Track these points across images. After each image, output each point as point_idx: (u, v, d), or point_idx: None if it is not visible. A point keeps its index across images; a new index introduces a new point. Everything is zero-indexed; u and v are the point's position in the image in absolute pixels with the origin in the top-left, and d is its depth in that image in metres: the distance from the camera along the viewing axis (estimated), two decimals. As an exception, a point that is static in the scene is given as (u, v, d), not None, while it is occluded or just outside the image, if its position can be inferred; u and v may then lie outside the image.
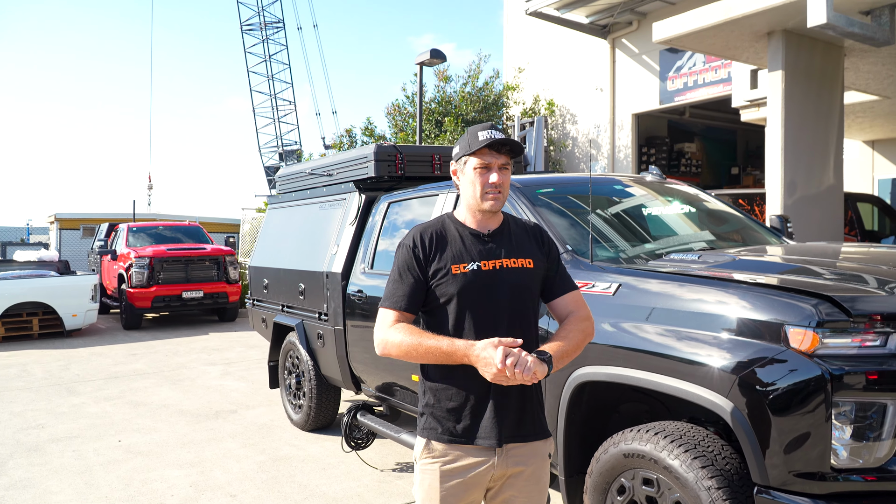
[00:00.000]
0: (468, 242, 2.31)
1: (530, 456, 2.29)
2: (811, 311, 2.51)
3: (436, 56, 13.60)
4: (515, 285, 2.29)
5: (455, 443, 2.24)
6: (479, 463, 2.24)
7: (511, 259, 2.31)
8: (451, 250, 2.29)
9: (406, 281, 2.28)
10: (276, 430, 6.24)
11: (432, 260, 2.28)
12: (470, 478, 2.24)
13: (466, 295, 2.25)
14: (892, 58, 7.33)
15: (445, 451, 2.25)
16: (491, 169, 2.26)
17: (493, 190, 2.26)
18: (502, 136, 2.24)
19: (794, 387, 2.48)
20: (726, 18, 6.19)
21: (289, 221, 6.68)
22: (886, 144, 13.18)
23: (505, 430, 2.23)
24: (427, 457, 2.28)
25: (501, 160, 2.27)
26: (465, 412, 2.24)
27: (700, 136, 17.64)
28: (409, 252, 2.30)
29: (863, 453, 2.46)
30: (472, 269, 2.26)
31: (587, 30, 15.80)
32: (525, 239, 2.39)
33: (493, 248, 2.31)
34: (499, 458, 2.23)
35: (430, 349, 2.14)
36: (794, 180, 6.47)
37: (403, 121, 18.32)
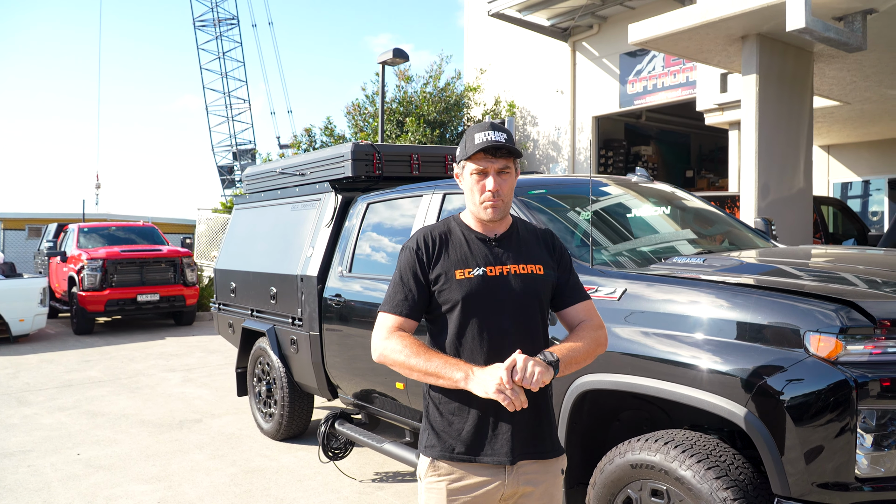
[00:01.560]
0: (474, 247, 2.19)
1: (542, 473, 2.17)
2: (834, 317, 2.44)
3: (398, 55, 13.44)
4: (523, 293, 2.16)
5: (462, 461, 2.11)
6: (487, 482, 2.11)
7: (519, 265, 2.18)
8: (455, 254, 2.17)
9: (407, 284, 2.15)
10: (246, 440, 6.00)
11: (435, 263, 2.16)
12: (479, 496, 2.11)
13: (471, 302, 2.12)
14: (856, 64, 7.45)
15: (452, 468, 2.12)
16: (487, 174, 2.13)
17: (492, 197, 2.12)
18: (499, 139, 2.09)
19: (817, 394, 2.40)
20: (703, 21, 6.19)
21: (258, 222, 6.45)
22: (842, 149, 13.50)
23: (516, 447, 2.10)
24: (433, 475, 2.14)
25: (499, 164, 2.13)
26: (472, 428, 2.10)
27: (656, 140, 17.86)
28: (413, 254, 2.18)
29: (885, 461, 2.40)
30: (477, 274, 2.13)
31: (548, 32, 15.85)
32: (534, 244, 2.27)
33: (500, 253, 2.19)
34: (509, 477, 2.11)
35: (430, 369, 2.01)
36: (768, 183, 6.50)
37: (364, 121, 18.11)
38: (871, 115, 10.11)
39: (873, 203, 13.83)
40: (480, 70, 17.07)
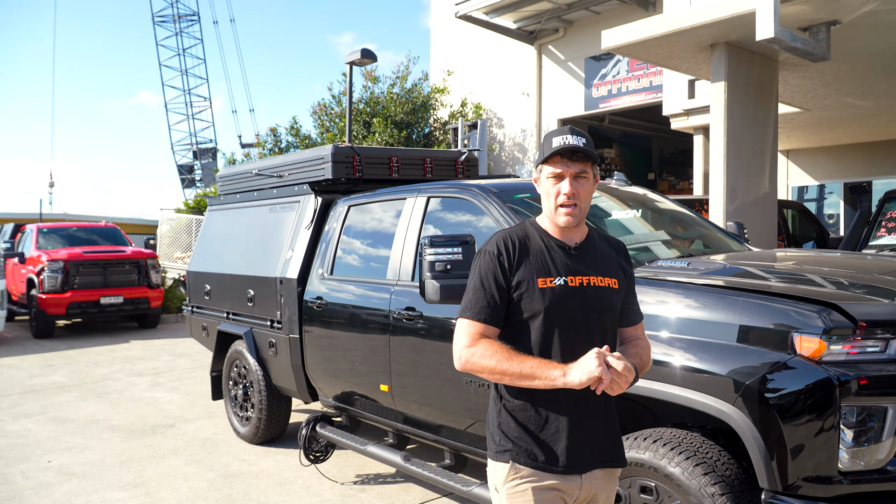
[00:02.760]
0: (555, 255, 2.12)
1: (608, 481, 2.17)
2: (818, 319, 2.56)
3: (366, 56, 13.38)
4: (603, 306, 2.12)
5: (541, 469, 2.07)
6: (565, 487, 2.09)
7: (598, 277, 2.13)
8: (536, 261, 2.10)
9: (489, 290, 2.08)
10: (222, 445, 5.96)
11: (517, 269, 2.09)
12: (559, 495, 2.10)
13: (553, 312, 2.06)
14: (818, 73, 7.70)
15: (532, 472, 2.07)
16: (563, 178, 2.07)
17: (568, 203, 2.07)
18: (577, 142, 2.05)
19: (803, 393, 2.51)
20: (673, 29, 6.35)
21: (234, 224, 6.41)
22: (800, 154, 13.90)
23: (593, 456, 2.10)
24: (515, 478, 2.08)
25: (575, 168, 2.07)
26: (549, 436, 2.06)
27: (618, 143, 18.11)
28: (493, 259, 2.10)
29: (865, 456, 2.52)
30: (559, 283, 2.07)
31: (515, 35, 15.98)
32: (611, 256, 2.22)
33: (580, 262, 2.13)
34: (583, 485, 2.10)
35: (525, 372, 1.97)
36: (735, 187, 6.68)
37: (330, 121, 18.05)
38: (829, 121, 10.45)
39: (829, 206, 14.27)
40: (448, 72, 17.15)
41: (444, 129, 17.46)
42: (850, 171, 13.07)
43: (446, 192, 4.29)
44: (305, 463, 5.13)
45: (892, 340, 2.55)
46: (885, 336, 2.55)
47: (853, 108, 9.53)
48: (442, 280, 3.31)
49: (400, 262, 4.37)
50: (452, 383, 3.87)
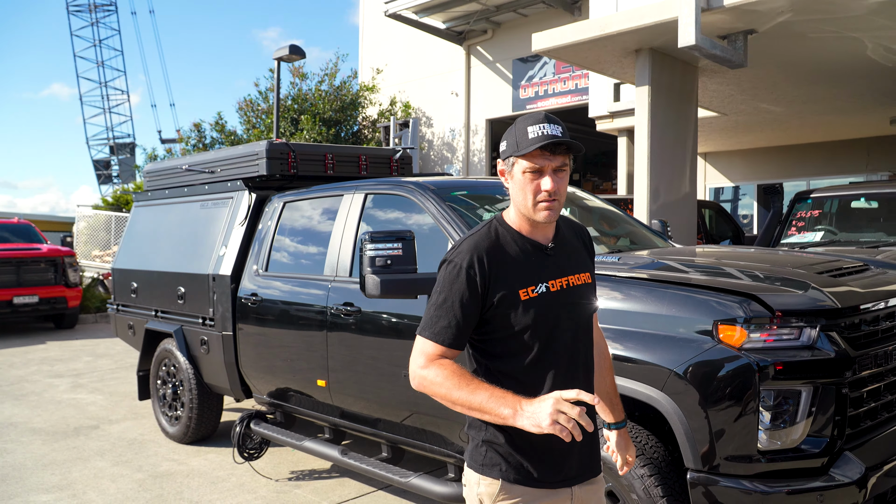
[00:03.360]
0: (533, 258, 1.93)
1: (597, 488, 2.07)
2: (739, 309, 2.73)
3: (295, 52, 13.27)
4: (583, 306, 1.99)
5: (533, 486, 1.92)
6: (557, 501, 1.97)
7: (575, 275, 1.98)
8: (515, 270, 1.88)
9: (452, 309, 1.85)
10: (150, 445, 5.84)
11: (494, 284, 1.86)
12: None
13: (538, 324, 1.87)
14: (735, 80, 8.09)
15: (524, 490, 1.92)
16: (543, 173, 1.86)
17: (548, 199, 1.86)
18: (558, 132, 1.83)
19: (725, 378, 2.68)
20: (601, 35, 6.56)
21: (162, 221, 6.28)
22: (717, 156, 14.52)
23: (580, 469, 1.99)
24: (504, 498, 1.91)
25: (556, 162, 1.86)
26: (540, 449, 1.91)
27: (543, 144, 18.40)
28: (462, 274, 1.85)
29: (781, 436, 2.71)
30: (540, 291, 1.89)
31: (444, 35, 16.10)
32: (579, 246, 2.08)
33: (557, 262, 1.96)
34: (576, 495, 1.99)
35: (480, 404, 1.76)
36: (658, 187, 6.96)
37: (257, 117, 17.78)
38: (744, 125, 10.97)
39: (743, 207, 14.97)
40: (377, 70, 17.14)
41: (374, 127, 17.45)
42: (763, 174, 13.74)
43: (384, 189, 4.34)
44: (239, 461, 5.09)
45: (806, 329, 2.74)
46: (799, 325, 2.74)
47: (767, 114, 10.04)
48: (382, 275, 3.36)
49: (337, 258, 4.39)
50: (389, 377, 3.93)
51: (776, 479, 2.68)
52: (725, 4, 5.78)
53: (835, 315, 2.80)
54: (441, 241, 3.83)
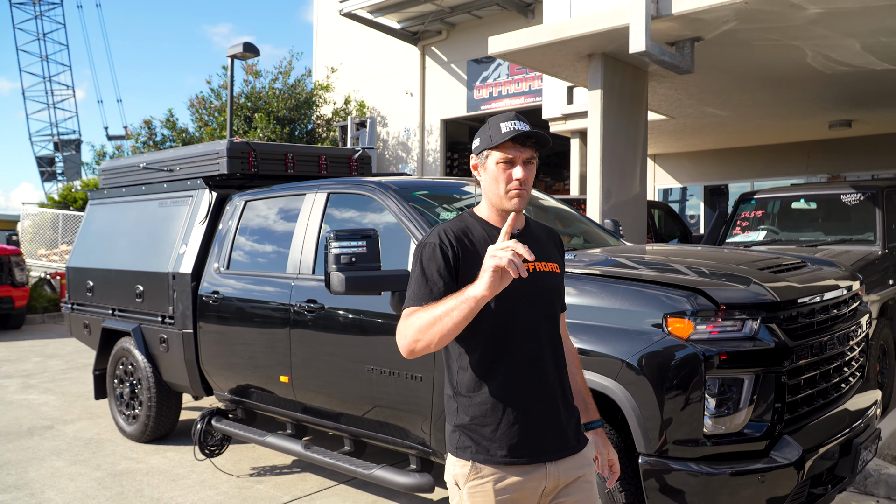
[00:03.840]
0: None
1: (580, 463, 2.12)
2: (687, 303, 2.91)
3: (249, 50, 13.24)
4: (550, 291, 2.13)
5: (502, 465, 2.01)
6: (530, 479, 2.03)
7: (542, 263, 2.11)
8: (481, 252, 1.98)
9: (432, 279, 2.00)
10: (107, 444, 5.81)
11: (462, 261, 2.02)
12: (523, 493, 2.03)
13: (504, 302, 1.99)
14: (683, 84, 8.37)
15: (494, 469, 2.01)
16: (515, 163, 2.02)
17: (518, 187, 2.03)
18: (527, 128, 2.01)
19: (674, 367, 2.86)
20: (555, 39, 6.75)
21: (119, 219, 6.25)
22: (665, 158, 14.92)
23: (553, 446, 2.05)
24: (476, 477, 2.01)
25: (526, 154, 2.03)
26: (508, 428, 2.00)
27: (499, 144, 18.58)
28: (437, 249, 2.03)
29: (726, 421, 2.89)
30: None
31: (398, 35, 16.17)
32: (548, 242, 2.23)
33: None
34: (549, 475, 2.04)
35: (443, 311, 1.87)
36: (610, 188, 7.19)
37: (209, 115, 17.60)
38: (691, 129, 11.32)
39: (690, 207, 15.41)
40: (332, 69, 17.11)
41: (329, 126, 17.43)
42: (709, 175, 14.19)
43: (347, 189, 4.43)
44: (200, 457, 5.12)
45: (748, 321, 2.94)
46: (742, 317, 2.94)
47: (713, 117, 10.40)
48: (347, 272, 3.46)
49: (300, 256, 4.47)
50: (352, 372, 4.03)
51: (721, 462, 2.87)
52: (674, 13, 6.01)
53: (774, 308, 3.00)
54: (403, 240, 3.94)
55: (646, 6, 5.98)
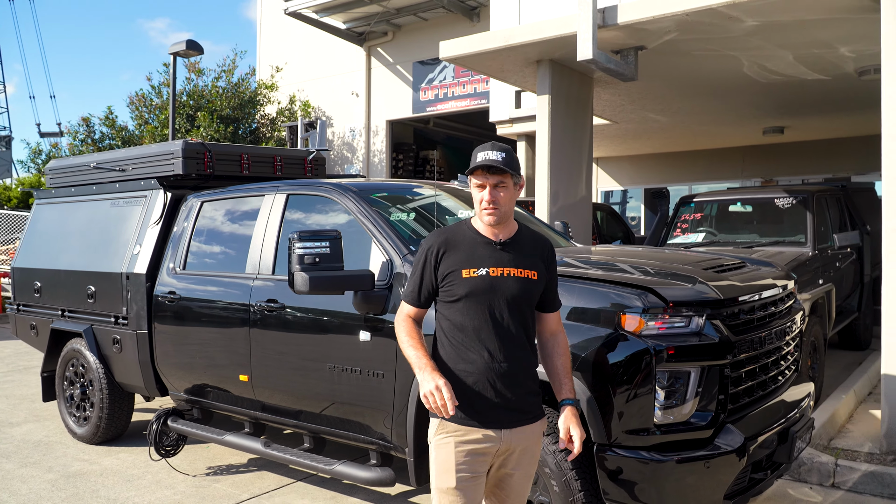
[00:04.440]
0: (481, 250, 2.55)
1: (529, 435, 2.56)
2: (638, 300, 3.10)
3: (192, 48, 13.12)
4: (520, 293, 2.54)
5: (463, 424, 2.48)
6: (485, 440, 2.49)
7: (518, 269, 2.54)
8: (464, 255, 2.54)
9: (417, 277, 2.60)
10: (58, 446, 5.73)
11: (445, 261, 2.54)
12: (479, 449, 2.49)
13: (473, 297, 2.51)
14: (626, 91, 8.67)
15: (457, 427, 2.49)
16: (485, 187, 2.49)
17: (489, 206, 2.49)
18: (496, 158, 2.45)
19: (626, 361, 3.04)
20: (505, 45, 6.93)
21: (68, 219, 6.16)
22: (608, 162, 15.32)
23: (507, 416, 2.50)
24: (441, 433, 2.51)
25: (493, 180, 2.48)
26: (471, 394, 2.48)
27: (442, 145, 18.73)
28: (424, 253, 2.59)
29: (674, 411, 3.09)
30: (481, 274, 2.51)
31: (344, 35, 16.12)
32: (534, 251, 2.62)
33: (503, 256, 2.55)
34: (503, 439, 2.50)
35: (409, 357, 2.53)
36: (557, 191, 7.41)
37: (149, 112, 17.28)
38: (633, 133, 11.70)
39: (631, 209, 15.86)
40: (276, 68, 16.97)
41: (273, 125, 17.29)
42: (649, 178, 14.65)
43: (307, 190, 4.50)
44: (156, 458, 5.11)
45: (694, 317, 3.14)
46: (689, 314, 3.14)
47: (654, 123, 10.78)
48: (311, 272, 3.55)
49: (260, 256, 4.52)
50: (314, 370, 4.11)
51: (669, 450, 3.06)
52: (619, 22, 6.26)
53: (718, 305, 3.22)
54: (363, 241, 4.03)
55: (592, 16, 6.21)
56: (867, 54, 7.04)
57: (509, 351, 2.51)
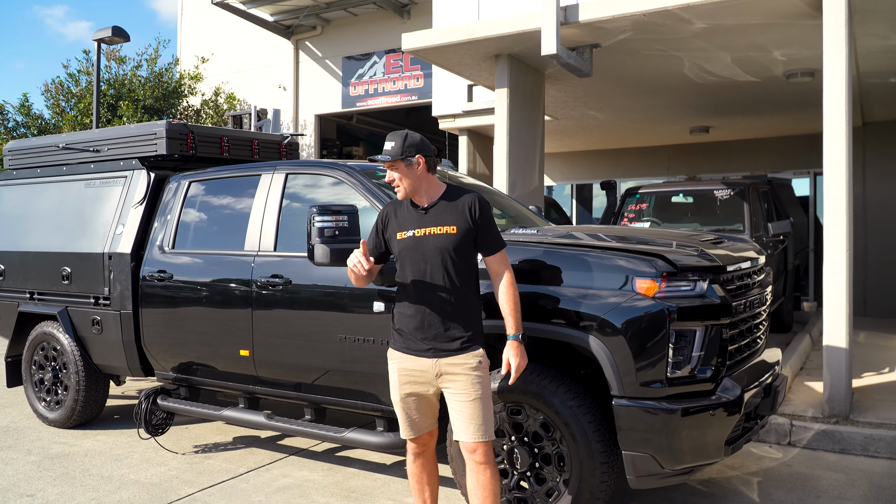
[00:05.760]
0: (410, 215, 3.25)
1: (458, 364, 3.14)
2: (652, 266, 3.42)
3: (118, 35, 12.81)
4: (439, 246, 3.16)
5: (402, 352, 3.23)
6: (420, 365, 3.18)
7: (438, 227, 3.17)
8: (400, 220, 3.26)
9: (372, 238, 3.36)
10: (28, 431, 5.60)
11: (388, 227, 3.30)
12: (417, 372, 3.19)
13: (406, 253, 3.21)
14: (571, 87, 9.08)
15: (400, 355, 3.23)
16: (388, 170, 3.24)
17: (393, 184, 3.24)
18: (384, 151, 3.19)
19: (642, 321, 3.34)
20: (469, 38, 7.17)
21: (34, 200, 6.00)
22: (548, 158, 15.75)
23: (438, 348, 3.15)
24: (392, 359, 3.28)
25: (388, 165, 3.21)
26: (409, 330, 3.20)
27: (365, 141, 18.81)
28: (377, 220, 3.38)
29: (681, 366, 3.42)
30: (409, 235, 3.19)
31: (271, 28, 15.96)
32: (455, 210, 3.21)
33: (425, 218, 3.20)
34: (435, 366, 3.15)
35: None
36: (515, 180, 7.73)
37: (66, 101, 16.63)
38: (570, 130, 12.17)
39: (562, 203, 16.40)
40: (202, 59, 16.63)
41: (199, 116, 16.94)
42: (578, 174, 15.19)
43: (310, 170, 4.63)
44: (145, 436, 5.11)
45: (698, 281, 3.48)
46: (694, 278, 3.48)
47: (592, 120, 11.27)
48: (330, 244, 3.71)
49: (260, 233, 4.61)
50: (323, 342, 4.23)
51: (678, 400, 3.39)
52: (580, 20, 6.62)
53: (718, 271, 3.58)
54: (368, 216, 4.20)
55: (556, 13, 6.55)
56: (797, 58, 7.68)
57: (437, 295, 3.13)
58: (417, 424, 3.29)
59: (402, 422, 3.31)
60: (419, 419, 3.28)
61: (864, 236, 10.98)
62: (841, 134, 5.51)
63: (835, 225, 5.53)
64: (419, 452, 3.37)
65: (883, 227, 11.09)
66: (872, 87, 9.02)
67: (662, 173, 13.52)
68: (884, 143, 11.13)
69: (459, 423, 3.15)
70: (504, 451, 3.69)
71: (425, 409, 3.27)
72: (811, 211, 12.09)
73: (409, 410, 3.26)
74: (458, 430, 3.16)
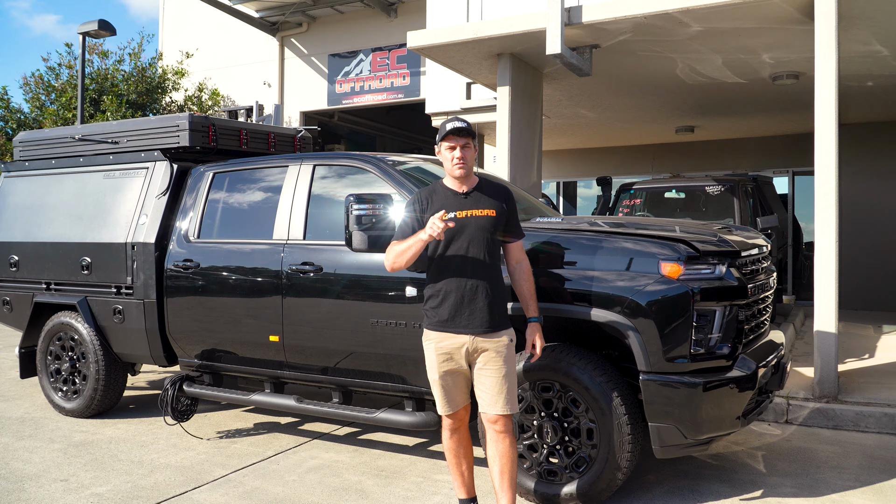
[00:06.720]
0: (450, 200, 3.46)
1: (492, 341, 3.39)
2: (676, 250, 3.65)
3: (104, 28, 12.82)
4: (480, 226, 3.43)
5: (440, 330, 3.42)
6: (457, 341, 3.39)
7: (478, 210, 3.45)
8: (439, 204, 3.45)
9: (410, 221, 3.50)
10: (46, 421, 5.68)
11: (426, 210, 3.45)
12: (452, 351, 3.40)
13: (447, 233, 3.37)
14: (567, 87, 9.32)
15: (436, 334, 3.43)
16: (455, 148, 3.40)
17: (459, 161, 3.41)
18: (463, 125, 3.38)
19: (668, 301, 3.57)
20: (474, 37, 7.38)
21: (49, 191, 6.07)
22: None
23: (474, 326, 3.37)
24: (428, 340, 3.47)
25: (462, 141, 3.40)
26: (445, 310, 3.40)
27: (346, 139, 18.90)
28: (414, 203, 3.52)
29: (703, 343, 3.65)
30: (451, 216, 3.35)
31: (257, 24, 15.96)
32: (492, 195, 3.51)
33: (466, 202, 3.46)
34: (471, 342, 3.37)
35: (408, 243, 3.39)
36: (515, 176, 7.94)
37: (46, 95, 16.52)
38: (560, 128, 12.43)
39: (545, 202, 16.66)
40: (186, 54, 16.60)
41: (183, 111, 16.91)
42: (565, 172, 15.45)
43: (338, 161, 4.80)
44: (171, 422, 5.22)
45: (718, 265, 3.72)
46: (714, 262, 3.71)
47: (582, 119, 11.54)
48: (368, 232, 3.89)
49: (289, 223, 4.76)
50: (355, 326, 4.40)
51: (701, 375, 3.63)
52: (584, 21, 6.86)
53: (734, 256, 3.82)
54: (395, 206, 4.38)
55: (560, 14, 6.78)
56: (783, 61, 8.01)
57: (477, 273, 3.36)
58: (455, 400, 3.48)
59: (439, 399, 3.49)
60: (456, 395, 3.47)
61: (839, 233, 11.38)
62: (831, 133, 5.82)
63: (825, 218, 5.84)
64: (455, 428, 3.53)
65: (855, 225, 11.53)
66: (851, 91, 9.40)
67: (647, 172, 13.84)
68: (858, 144, 11.55)
69: (488, 397, 3.36)
70: (535, 426, 3.90)
71: (461, 384, 3.47)
72: (790, 208, 12.50)
73: (447, 387, 3.44)
74: (487, 403, 3.38)
